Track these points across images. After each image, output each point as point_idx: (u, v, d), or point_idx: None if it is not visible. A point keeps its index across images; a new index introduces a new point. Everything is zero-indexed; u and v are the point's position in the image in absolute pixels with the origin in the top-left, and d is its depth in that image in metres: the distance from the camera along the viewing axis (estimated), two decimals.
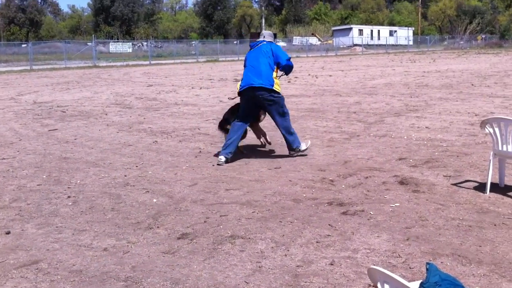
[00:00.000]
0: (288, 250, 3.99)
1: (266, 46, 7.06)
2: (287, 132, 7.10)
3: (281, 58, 6.98)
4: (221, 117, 7.62)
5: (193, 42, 57.36)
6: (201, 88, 18.18)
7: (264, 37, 7.31)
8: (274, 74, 6.99)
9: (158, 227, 4.58)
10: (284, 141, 7.21)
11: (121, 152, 7.75)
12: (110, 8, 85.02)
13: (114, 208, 5.14)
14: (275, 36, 7.38)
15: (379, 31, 77.36)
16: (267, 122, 8.10)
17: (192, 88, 18.25)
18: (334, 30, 78.71)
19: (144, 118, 11.11)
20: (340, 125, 9.69)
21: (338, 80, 20.57)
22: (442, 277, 2.06)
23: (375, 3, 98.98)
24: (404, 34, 77.49)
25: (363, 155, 7.17)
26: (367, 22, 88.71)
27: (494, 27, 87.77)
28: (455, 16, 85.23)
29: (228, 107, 7.79)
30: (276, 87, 6.90)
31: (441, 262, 3.70)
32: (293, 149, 7.14)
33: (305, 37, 70.74)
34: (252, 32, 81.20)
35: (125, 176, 6.37)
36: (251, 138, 8.03)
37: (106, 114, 11.87)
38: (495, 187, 5.41)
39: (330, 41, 68.85)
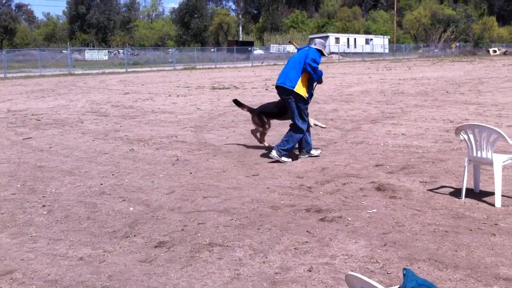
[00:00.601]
0: (266, 257, 3.98)
1: (306, 50, 7.31)
2: (286, 137, 7.33)
3: (307, 58, 7.16)
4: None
5: (170, 50, 57.11)
6: (178, 96, 18.10)
7: (314, 44, 7.49)
8: (301, 79, 7.21)
9: (134, 235, 4.54)
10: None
11: (97, 161, 7.66)
12: (86, 15, 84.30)
13: (90, 217, 5.07)
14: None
15: (355, 39, 78.11)
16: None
17: (169, 95, 18.16)
18: (311, 38, 79.10)
19: (121, 126, 11.01)
20: (318, 132, 9.72)
21: (315, 87, 20.65)
22: (419, 282, 2.07)
23: (351, 12, 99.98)
24: (380, 42, 78.31)
25: (340, 162, 7.21)
26: (344, 30, 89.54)
27: (468, 35, 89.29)
28: (429, 25, 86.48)
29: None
30: (297, 89, 7.15)
31: (418, 267, 3.73)
32: (278, 150, 7.21)
33: (282, 45, 71.01)
34: (229, 40, 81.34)
35: (101, 184, 6.30)
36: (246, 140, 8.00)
37: (82, 122, 11.74)
38: (470, 193, 5.48)
39: None
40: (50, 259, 4.06)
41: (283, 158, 7.21)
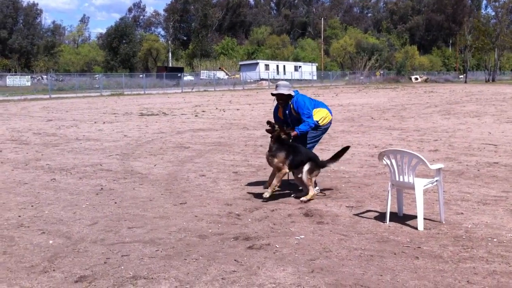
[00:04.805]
0: None
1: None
2: None
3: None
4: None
5: (96, 75, 56.05)
6: (104, 122, 17.66)
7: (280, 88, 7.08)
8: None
9: (54, 270, 4.30)
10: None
11: (15, 191, 7.27)
12: (8, 40, 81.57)
13: (7, 252, 4.77)
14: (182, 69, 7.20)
15: (284, 66, 79.71)
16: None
17: (95, 122, 17.69)
18: (241, 65, 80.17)
19: (42, 155, 10.55)
20: (247, 159, 9.72)
21: (245, 113, 20.81)
22: None
23: (280, 40, 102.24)
24: (308, 69, 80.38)
25: None
26: (273, 57, 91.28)
27: (391, 63, 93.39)
28: (355, 53, 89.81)
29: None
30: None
31: None
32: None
33: (212, 71, 71.42)
34: (159, 66, 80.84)
35: (19, 216, 5.96)
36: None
37: (1, 151, 11.16)
38: (394, 216, 5.60)
39: (237, 76, 69.98)
40: None
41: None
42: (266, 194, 6.48)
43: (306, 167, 6.47)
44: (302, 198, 6.47)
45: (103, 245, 4.91)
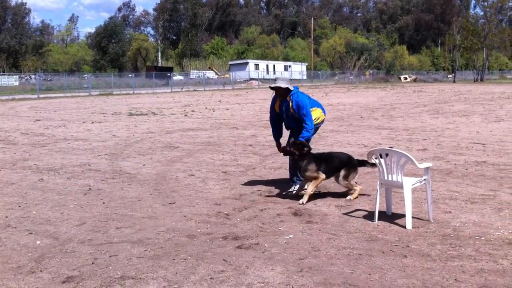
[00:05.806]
0: None
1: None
2: None
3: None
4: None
5: (85, 75, 55.65)
6: (93, 122, 17.56)
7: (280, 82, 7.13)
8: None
9: (41, 271, 4.26)
10: None
11: (2, 192, 7.21)
12: None
13: None
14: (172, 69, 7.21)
15: (274, 65, 79.75)
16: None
17: (83, 122, 17.58)
18: (231, 64, 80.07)
19: (30, 155, 10.47)
20: (236, 158, 9.71)
21: (235, 113, 20.79)
22: None
23: (270, 39, 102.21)
24: (298, 69, 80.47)
25: (259, 188, 7.19)
26: (263, 57, 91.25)
27: (380, 63, 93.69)
28: (344, 53, 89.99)
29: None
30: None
31: None
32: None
33: (202, 71, 71.30)
34: (148, 65, 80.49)
35: (6, 217, 5.91)
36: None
37: None
38: (383, 215, 5.61)
39: (227, 75, 69.95)
40: None
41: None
42: (303, 201, 6.36)
43: (341, 174, 6.57)
44: (348, 197, 6.53)
45: (91, 245, 4.88)
